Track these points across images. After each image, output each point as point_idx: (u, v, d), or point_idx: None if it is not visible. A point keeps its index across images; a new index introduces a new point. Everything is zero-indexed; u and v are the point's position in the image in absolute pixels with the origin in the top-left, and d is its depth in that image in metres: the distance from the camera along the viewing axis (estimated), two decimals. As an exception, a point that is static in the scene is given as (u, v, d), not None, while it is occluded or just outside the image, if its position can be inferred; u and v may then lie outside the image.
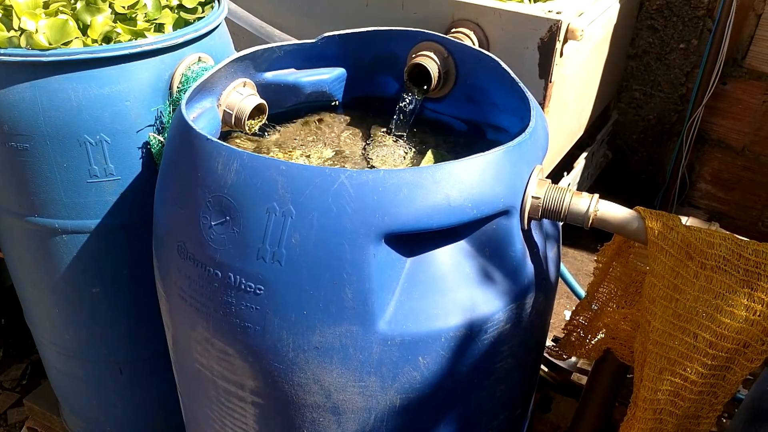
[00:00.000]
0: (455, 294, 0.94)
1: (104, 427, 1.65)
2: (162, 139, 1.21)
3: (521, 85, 1.06)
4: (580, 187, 1.90)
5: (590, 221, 0.95)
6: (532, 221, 0.99)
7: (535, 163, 0.97)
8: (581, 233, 1.00)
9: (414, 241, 0.92)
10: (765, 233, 2.19)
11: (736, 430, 1.09)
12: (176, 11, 1.31)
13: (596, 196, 0.96)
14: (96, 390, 1.56)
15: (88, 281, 1.36)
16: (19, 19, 1.15)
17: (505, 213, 0.93)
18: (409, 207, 0.86)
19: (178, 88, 1.21)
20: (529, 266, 1.00)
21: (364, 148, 1.22)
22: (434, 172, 0.87)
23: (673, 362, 0.94)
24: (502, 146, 0.91)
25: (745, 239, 0.90)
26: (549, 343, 1.30)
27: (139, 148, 1.23)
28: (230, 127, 1.16)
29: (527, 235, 0.99)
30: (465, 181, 0.88)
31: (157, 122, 1.23)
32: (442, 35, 1.19)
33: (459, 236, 0.94)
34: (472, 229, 0.94)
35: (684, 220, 1.00)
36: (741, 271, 0.89)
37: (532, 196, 0.95)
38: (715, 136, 2.13)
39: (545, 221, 1.08)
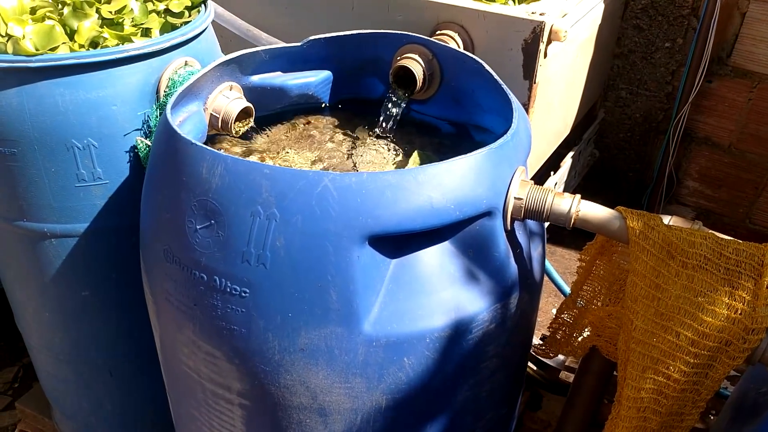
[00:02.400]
0: (440, 295, 0.95)
1: (95, 429, 1.66)
2: (149, 143, 1.21)
3: (504, 86, 1.07)
4: (568, 186, 1.92)
5: (572, 221, 0.96)
6: (516, 221, 1.00)
7: (518, 164, 0.98)
8: (568, 231, 1.01)
9: (398, 242, 0.93)
10: (752, 230, 2.21)
11: (721, 427, 1.11)
12: (163, 15, 1.31)
13: (578, 196, 0.97)
14: (86, 392, 1.56)
15: (77, 285, 1.36)
16: (6, 24, 1.15)
17: (488, 214, 0.94)
18: (392, 209, 0.87)
19: (164, 92, 1.21)
20: (513, 266, 1.01)
21: (351, 150, 1.23)
22: (417, 175, 0.88)
23: (656, 361, 0.94)
24: (483, 148, 0.92)
25: (727, 238, 0.91)
26: (537, 341, 1.31)
27: (126, 152, 1.24)
28: (217, 130, 1.16)
29: (511, 235, 1.00)
30: (447, 183, 0.89)
31: (145, 126, 1.23)
32: (426, 38, 1.20)
33: (443, 237, 0.95)
34: (456, 230, 0.95)
35: (666, 219, 1.01)
36: (722, 269, 0.90)
37: (515, 197, 0.95)
38: (701, 134, 2.15)
39: (529, 221, 1.10)
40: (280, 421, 1.01)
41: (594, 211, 0.97)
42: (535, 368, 1.76)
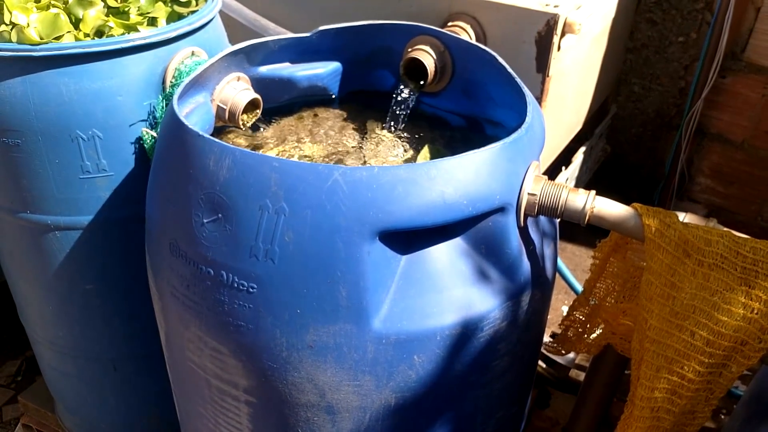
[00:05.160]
0: (451, 292, 0.93)
1: (98, 424, 1.65)
2: (155, 134, 1.20)
3: (518, 79, 1.05)
4: (579, 182, 1.90)
5: (587, 218, 0.94)
6: (529, 218, 0.98)
7: (532, 159, 0.96)
8: (580, 228, 0.99)
9: (409, 238, 0.91)
10: (764, 228, 2.18)
11: (734, 427, 1.09)
12: (169, 4, 1.29)
13: (593, 192, 0.95)
14: (89, 387, 1.55)
15: (81, 278, 1.35)
16: (11, 13, 1.13)
17: (501, 210, 0.92)
18: (403, 204, 0.85)
19: (171, 82, 1.19)
20: (526, 263, 0.99)
21: (360, 143, 1.21)
22: (429, 169, 0.86)
23: (670, 360, 0.93)
24: (497, 143, 0.90)
25: (743, 236, 0.89)
26: (547, 339, 1.29)
27: (131, 143, 1.22)
28: (224, 122, 1.15)
29: (523, 232, 0.98)
30: (460, 178, 0.87)
31: (150, 117, 1.21)
32: (438, 29, 1.18)
33: (454, 233, 0.93)
34: (468, 226, 0.93)
35: (681, 216, 0.99)
36: (739, 268, 0.88)
37: (528, 193, 0.93)
38: (714, 130, 2.13)
39: (542, 217, 1.08)
40: (287, 418, 0.99)
41: (609, 207, 0.94)
42: (544, 366, 1.74)
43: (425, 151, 1.17)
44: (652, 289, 0.93)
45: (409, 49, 1.20)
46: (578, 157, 1.80)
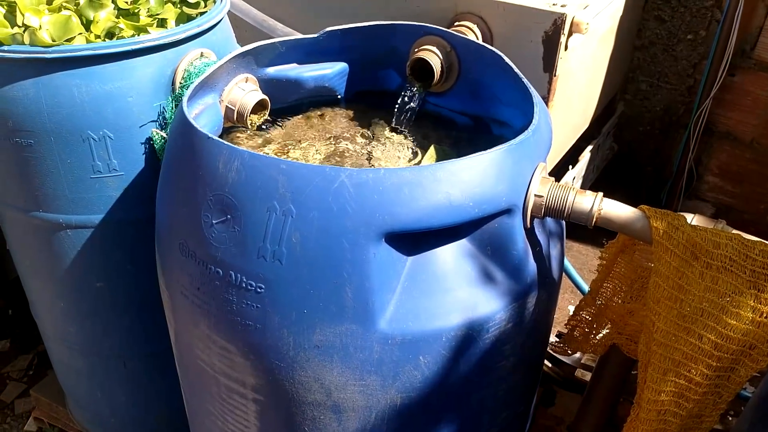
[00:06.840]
0: (456, 293, 0.93)
1: (108, 420, 1.67)
2: (165, 134, 1.21)
3: (524, 80, 1.05)
4: (586, 180, 1.89)
5: (594, 220, 0.94)
6: (535, 219, 0.98)
7: (539, 161, 0.96)
8: (587, 227, 0.99)
9: (415, 240, 0.91)
10: (773, 226, 2.17)
11: (742, 430, 1.09)
12: (179, 6, 1.30)
13: (600, 194, 0.95)
14: (100, 383, 1.57)
15: (92, 276, 1.36)
16: (23, 15, 1.14)
17: (508, 212, 0.92)
18: (409, 206, 0.86)
19: (180, 83, 1.20)
20: (532, 265, 0.99)
21: (367, 143, 1.22)
22: (435, 171, 0.87)
23: (677, 363, 0.93)
24: (504, 144, 0.90)
25: (753, 239, 0.89)
26: (553, 338, 1.30)
27: (142, 143, 1.23)
28: (232, 122, 1.16)
29: (530, 233, 0.99)
30: (466, 180, 0.87)
31: (160, 118, 1.22)
32: (444, 29, 1.18)
33: (460, 235, 0.93)
34: (474, 228, 0.93)
35: (689, 218, 0.99)
36: (747, 271, 0.87)
37: (535, 195, 0.94)
38: (722, 129, 2.11)
39: (549, 218, 1.08)
40: (294, 417, 1.00)
41: (617, 210, 0.94)
42: (549, 365, 1.74)
43: (431, 152, 1.18)
44: (659, 292, 0.93)
45: (416, 49, 1.20)
46: (585, 156, 1.80)
